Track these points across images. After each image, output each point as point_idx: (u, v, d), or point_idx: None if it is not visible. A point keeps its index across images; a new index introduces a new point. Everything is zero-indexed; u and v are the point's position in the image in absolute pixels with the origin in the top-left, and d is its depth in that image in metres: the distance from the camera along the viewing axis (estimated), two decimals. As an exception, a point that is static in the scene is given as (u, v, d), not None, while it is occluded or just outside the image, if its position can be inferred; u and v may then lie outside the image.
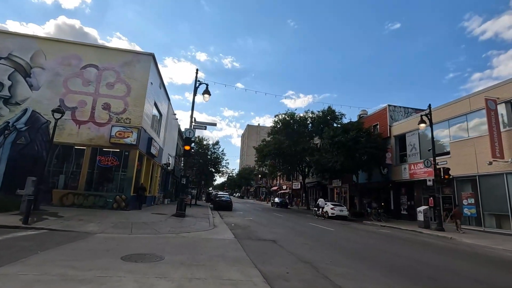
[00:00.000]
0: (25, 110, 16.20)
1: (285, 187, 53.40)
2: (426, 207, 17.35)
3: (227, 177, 74.69)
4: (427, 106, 18.44)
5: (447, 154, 18.84)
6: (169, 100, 26.22)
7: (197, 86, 16.17)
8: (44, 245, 6.36)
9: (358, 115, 32.64)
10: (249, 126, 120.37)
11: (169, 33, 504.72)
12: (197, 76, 16.36)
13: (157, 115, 22.22)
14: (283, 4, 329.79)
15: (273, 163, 40.29)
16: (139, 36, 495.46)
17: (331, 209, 22.69)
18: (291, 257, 7.07)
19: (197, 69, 16.59)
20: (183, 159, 25.37)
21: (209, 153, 37.89)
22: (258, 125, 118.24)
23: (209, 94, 15.83)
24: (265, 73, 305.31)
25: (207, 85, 15.95)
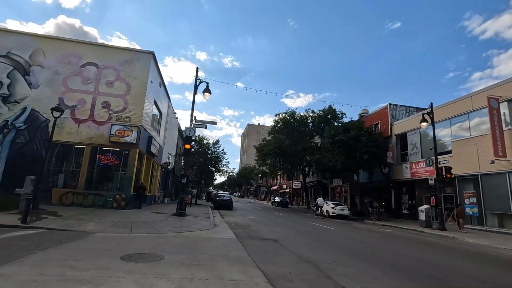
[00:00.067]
0: (24, 108, 16.11)
1: (285, 186, 53.31)
2: (427, 206, 17.25)
3: (227, 177, 74.50)
4: (429, 105, 18.33)
5: (449, 153, 18.76)
6: (169, 99, 26.12)
7: (198, 84, 16.09)
8: (42, 245, 6.28)
9: (359, 114, 32.55)
10: (249, 125, 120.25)
11: (169, 32, 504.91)
12: (197, 74, 16.26)
13: (157, 114, 22.12)
14: (283, 3, 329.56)
15: (274, 162, 40.16)
16: (139, 35, 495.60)
17: (332, 208, 22.62)
18: (292, 256, 6.99)
19: (197, 67, 16.53)
20: (183, 158, 25.29)
21: (209, 152, 37.77)
22: (258, 124, 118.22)
23: (209, 92, 15.75)
24: (265, 73, 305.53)
25: (208, 83, 15.87)
